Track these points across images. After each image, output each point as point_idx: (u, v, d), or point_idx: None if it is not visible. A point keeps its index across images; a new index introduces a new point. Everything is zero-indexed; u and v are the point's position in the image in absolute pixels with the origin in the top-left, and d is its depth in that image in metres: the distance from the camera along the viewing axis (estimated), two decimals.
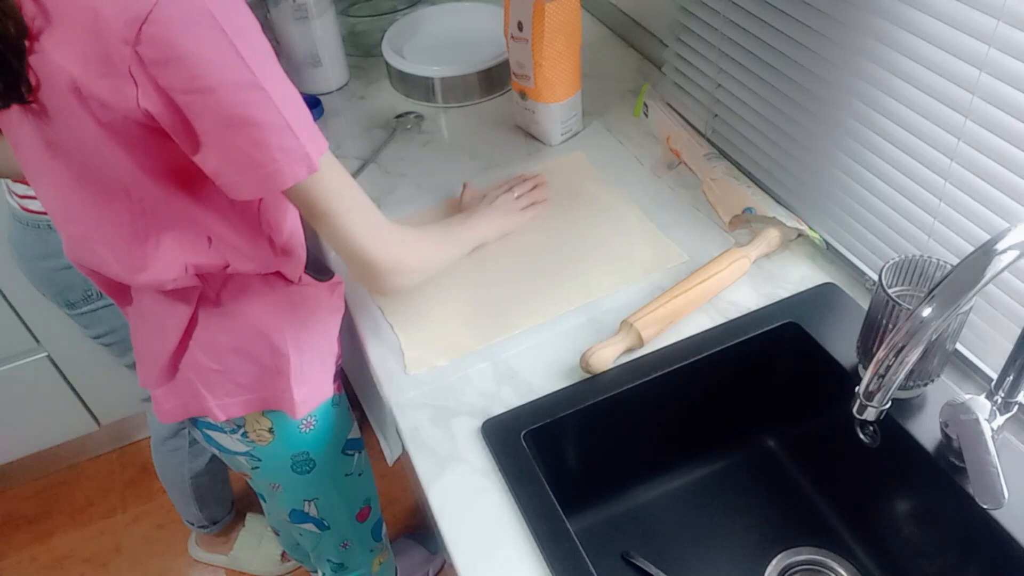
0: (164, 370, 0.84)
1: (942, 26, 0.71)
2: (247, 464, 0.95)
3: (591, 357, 0.83)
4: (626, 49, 1.38)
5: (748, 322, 0.89)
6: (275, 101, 0.63)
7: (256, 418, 0.88)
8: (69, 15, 0.59)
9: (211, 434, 0.91)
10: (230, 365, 0.83)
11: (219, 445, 0.93)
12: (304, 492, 1.00)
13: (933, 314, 0.59)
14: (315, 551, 1.13)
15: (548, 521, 0.73)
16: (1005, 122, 0.68)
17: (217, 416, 0.86)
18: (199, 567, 1.70)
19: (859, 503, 0.88)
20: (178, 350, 0.82)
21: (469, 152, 1.19)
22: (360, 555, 1.15)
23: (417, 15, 1.41)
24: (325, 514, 1.04)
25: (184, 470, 1.45)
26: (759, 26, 0.93)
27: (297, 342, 0.84)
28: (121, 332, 1.24)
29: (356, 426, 1.03)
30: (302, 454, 0.94)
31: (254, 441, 0.90)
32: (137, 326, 0.87)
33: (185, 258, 0.74)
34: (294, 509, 1.02)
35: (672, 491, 0.96)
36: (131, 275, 0.76)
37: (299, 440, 0.92)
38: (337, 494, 1.03)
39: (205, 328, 0.81)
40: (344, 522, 1.08)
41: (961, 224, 0.77)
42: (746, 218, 0.99)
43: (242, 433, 0.89)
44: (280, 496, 1.01)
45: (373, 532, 1.15)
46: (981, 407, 0.67)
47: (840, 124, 0.87)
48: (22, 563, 1.74)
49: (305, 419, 0.90)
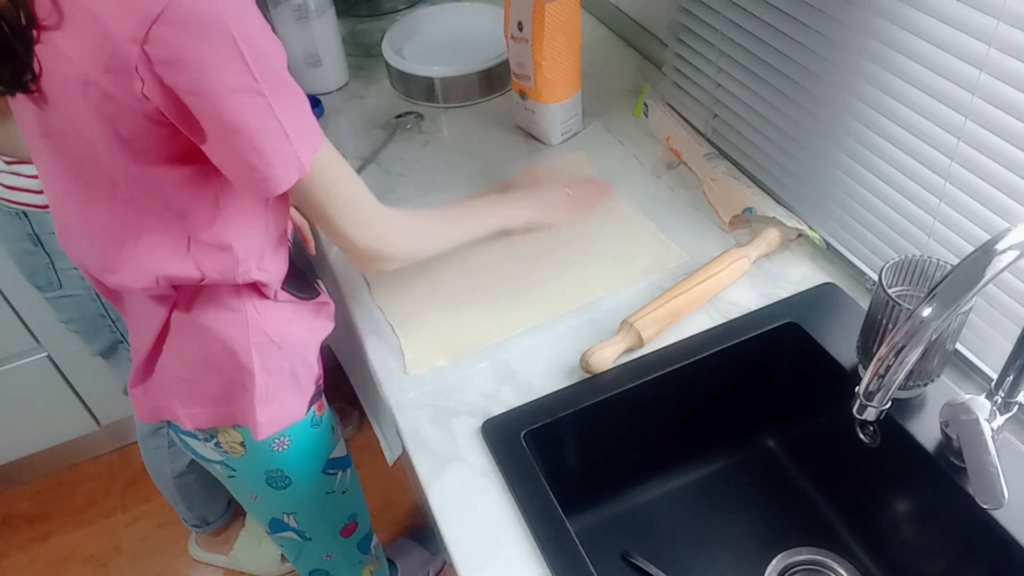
0: (140, 370, 0.84)
1: (942, 26, 0.71)
2: (223, 472, 0.94)
3: (591, 357, 0.83)
4: (626, 49, 1.38)
5: (748, 322, 0.89)
6: (275, 108, 0.64)
7: (227, 430, 0.87)
8: (81, 11, 0.60)
9: (186, 439, 0.90)
10: (198, 376, 0.82)
11: (194, 451, 0.92)
12: (281, 505, 0.98)
13: (933, 314, 0.59)
14: (297, 561, 1.10)
15: (548, 521, 0.73)
16: (1005, 122, 0.68)
17: (185, 424, 0.84)
18: (199, 567, 1.70)
19: (859, 503, 0.88)
20: (153, 352, 0.82)
21: (469, 152, 1.19)
22: (346, 566, 1.12)
23: (417, 15, 1.41)
24: (306, 527, 1.02)
25: (167, 469, 1.44)
26: (759, 26, 0.93)
27: (265, 361, 0.82)
28: (82, 322, 1.24)
29: (342, 444, 1.00)
30: (276, 471, 0.92)
31: (227, 452, 0.89)
32: (128, 322, 0.87)
33: (157, 268, 0.73)
34: (273, 519, 1.01)
35: (672, 491, 0.96)
36: (103, 275, 0.76)
37: (272, 458, 0.90)
38: (317, 511, 1.01)
39: (176, 336, 0.80)
40: (326, 536, 1.05)
41: (961, 224, 0.77)
42: (746, 218, 0.99)
43: (215, 443, 0.88)
44: (257, 506, 0.99)
45: (360, 546, 1.12)
46: (981, 407, 0.67)
47: (840, 124, 0.87)
48: (22, 563, 1.74)
49: (277, 438, 0.88)
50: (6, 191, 1.08)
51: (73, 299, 1.21)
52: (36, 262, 1.16)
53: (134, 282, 0.75)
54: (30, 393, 1.68)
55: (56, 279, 1.18)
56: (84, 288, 1.19)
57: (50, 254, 1.15)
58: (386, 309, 0.96)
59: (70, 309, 1.23)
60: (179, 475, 1.46)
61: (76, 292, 1.20)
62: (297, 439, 0.90)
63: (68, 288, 1.19)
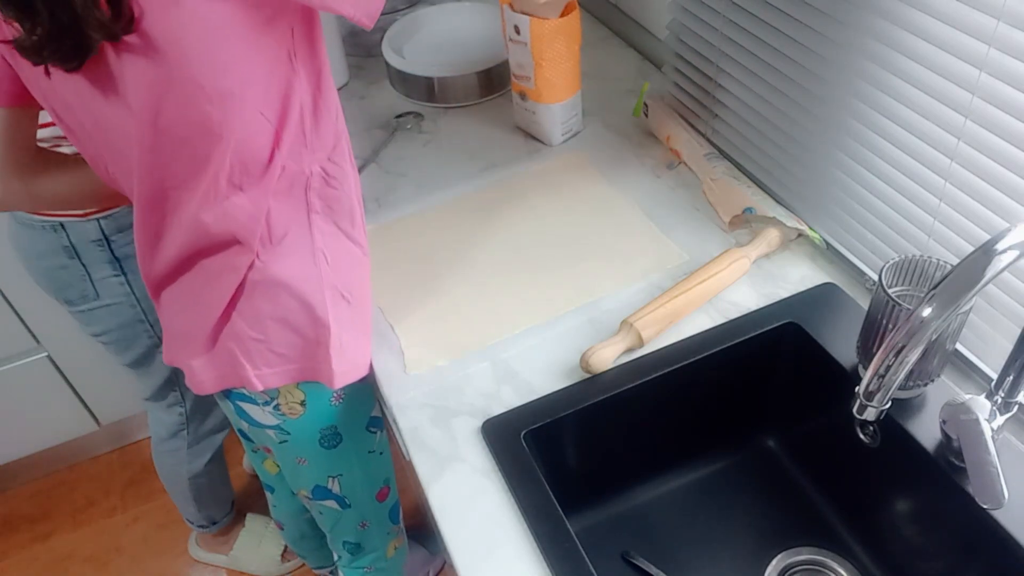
0: (204, 342, 0.84)
1: (942, 26, 0.71)
2: (275, 438, 0.95)
3: (591, 357, 0.83)
4: (626, 49, 1.38)
5: (748, 322, 0.89)
6: None
7: (290, 390, 0.88)
8: None
9: (243, 406, 0.91)
10: (271, 334, 0.83)
11: (249, 418, 0.93)
12: (329, 467, 1.01)
13: (933, 314, 0.59)
14: (334, 531, 1.14)
15: (548, 521, 0.73)
16: (1005, 122, 0.68)
17: (255, 386, 0.85)
18: (199, 567, 1.70)
19: (859, 503, 0.88)
20: (220, 320, 0.82)
21: (469, 152, 1.19)
22: (377, 536, 1.16)
23: (417, 15, 1.41)
24: (348, 491, 1.05)
25: (183, 471, 1.46)
26: (759, 26, 0.93)
27: (338, 312, 0.84)
28: (119, 331, 1.24)
29: (377, 405, 1.03)
30: (330, 428, 0.94)
31: (285, 414, 0.91)
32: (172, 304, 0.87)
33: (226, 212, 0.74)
34: (317, 485, 1.03)
35: (672, 491, 0.96)
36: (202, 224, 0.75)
37: (329, 413, 0.92)
38: (360, 470, 1.04)
39: (249, 297, 0.81)
40: (365, 500, 1.08)
41: (961, 224, 0.77)
42: (746, 218, 0.99)
43: (275, 406, 0.90)
44: (305, 471, 1.01)
45: (391, 514, 1.16)
46: (981, 407, 0.67)
47: (840, 124, 0.87)
48: (22, 563, 1.74)
49: (336, 392, 0.90)
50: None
51: (110, 308, 1.20)
52: (69, 275, 1.15)
53: (235, 215, 0.74)
54: (30, 393, 1.68)
55: (92, 290, 1.17)
56: (124, 295, 1.19)
57: (86, 265, 1.14)
58: (386, 309, 0.96)
59: (106, 320, 1.22)
60: (194, 476, 1.47)
61: (114, 300, 1.19)
62: (349, 394, 0.92)
63: (105, 298, 1.18)
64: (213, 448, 1.47)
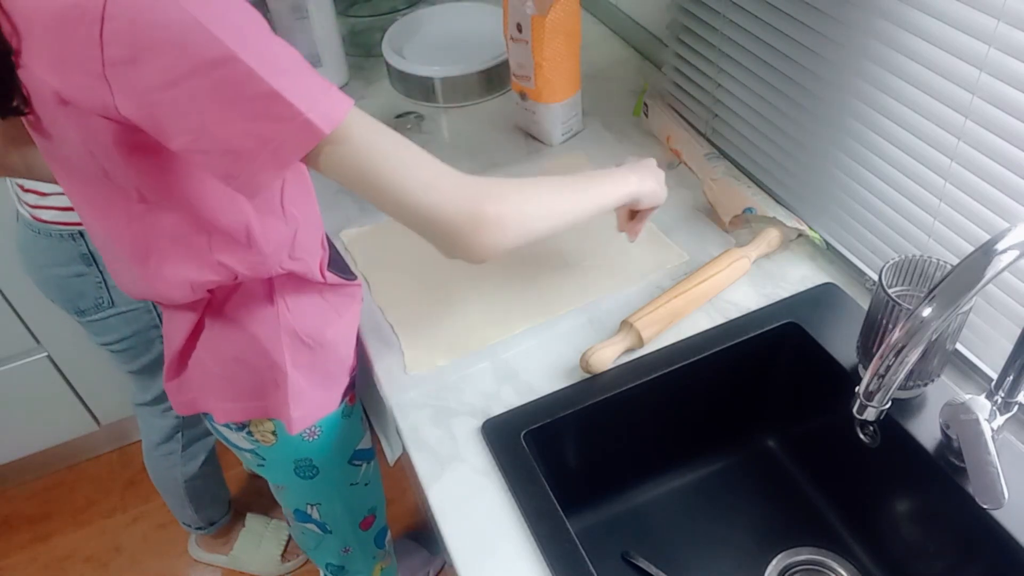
0: (174, 365, 0.85)
1: (942, 26, 0.71)
2: (253, 461, 0.95)
3: (591, 357, 0.83)
4: (626, 49, 1.38)
5: (748, 322, 0.89)
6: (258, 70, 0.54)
7: (260, 420, 0.88)
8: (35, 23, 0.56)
9: (219, 428, 0.92)
10: (232, 372, 0.83)
11: (227, 439, 0.93)
12: (306, 496, 1.00)
13: (933, 314, 0.59)
14: (315, 552, 1.13)
15: (548, 521, 0.73)
16: (1005, 122, 0.68)
17: (219, 418, 0.86)
18: (199, 567, 1.70)
19: (859, 503, 0.88)
20: (186, 348, 0.83)
21: (469, 152, 1.19)
22: (361, 560, 1.14)
23: (417, 15, 1.41)
24: (327, 519, 1.04)
25: (178, 474, 1.45)
26: (759, 26, 0.93)
27: (297, 359, 0.82)
28: (133, 339, 1.24)
29: (368, 436, 1.02)
30: (305, 460, 0.93)
31: (259, 440, 0.90)
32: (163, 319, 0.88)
33: (188, 275, 0.73)
34: (297, 509, 1.03)
35: (672, 491, 0.96)
36: (143, 293, 0.76)
37: (302, 447, 0.92)
38: (340, 502, 1.02)
39: (210, 334, 0.81)
40: (346, 529, 1.07)
41: (961, 224, 0.77)
42: (746, 218, 0.99)
43: (247, 432, 0.89)
44: (284, 495, 1.01)
45: (376, 540, 1.14)
46: (981, 407, 0.67)
47: (840, 124, 0.87)
48: (22, 563, 1.74)
49: (309, 429, 0.89)
50: (59, 213, 1.08)
51: (125, 316, 1.20)
52: (84, 284, 1.15)
53: (170, 293, 0.74)
54: (30, 393, 1.68)
55: (107, 297, 1.17)
56: (140, 302, 1.19)
57: (103, 272, 1.15)
58: (386, 309, 0.96)
59: (120, 328, 1.22)
60: (190, 479, 1.46)
61: (131, 307, 1.19)
62: (328, 429, 0.91)
63: (121, 305, 1.18)
64: (207, 450, 1.47)
